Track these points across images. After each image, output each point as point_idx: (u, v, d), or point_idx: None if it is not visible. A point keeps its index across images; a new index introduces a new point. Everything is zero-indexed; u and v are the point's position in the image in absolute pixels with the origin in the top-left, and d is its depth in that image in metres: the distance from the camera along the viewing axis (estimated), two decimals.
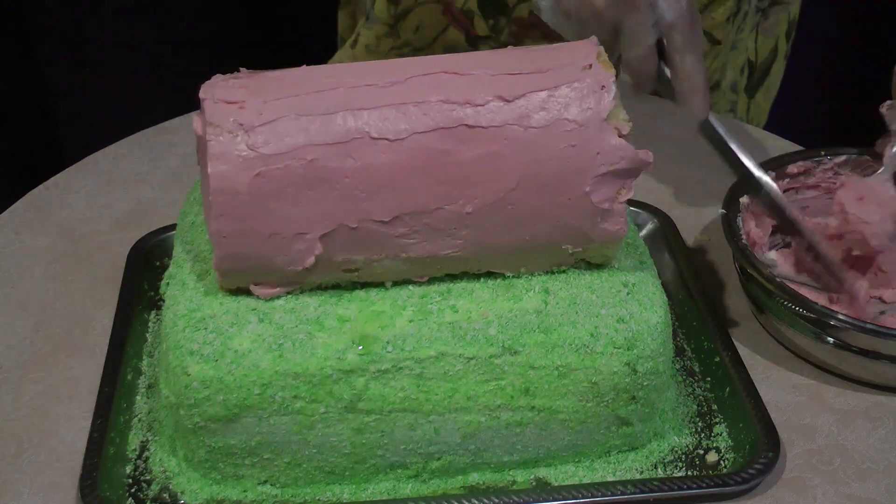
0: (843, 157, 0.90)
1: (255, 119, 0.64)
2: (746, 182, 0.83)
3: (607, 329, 0.68)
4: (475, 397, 0.68)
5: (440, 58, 0.70)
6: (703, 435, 0.75)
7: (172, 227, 0.82)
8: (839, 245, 0.84)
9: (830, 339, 0.77)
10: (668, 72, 0.80)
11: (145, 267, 0.87)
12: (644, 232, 0.91)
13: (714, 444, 0.74)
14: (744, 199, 0.84)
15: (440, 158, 0.65)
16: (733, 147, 0.81)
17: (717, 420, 0.76)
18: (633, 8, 0.76)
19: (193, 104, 0.67)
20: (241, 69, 0.69)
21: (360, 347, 0.66)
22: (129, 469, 0.71)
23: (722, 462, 0.73)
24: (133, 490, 0.70)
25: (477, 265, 0.70)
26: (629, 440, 0.72)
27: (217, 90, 0.66)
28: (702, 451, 0.74)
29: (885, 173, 0.85)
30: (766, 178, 0.82)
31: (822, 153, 0.90)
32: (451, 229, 0.67)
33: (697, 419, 0.76)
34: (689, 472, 0.72)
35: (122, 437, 0.73)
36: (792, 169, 0.89)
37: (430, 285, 0.70)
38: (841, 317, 0.75)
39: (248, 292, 0.69)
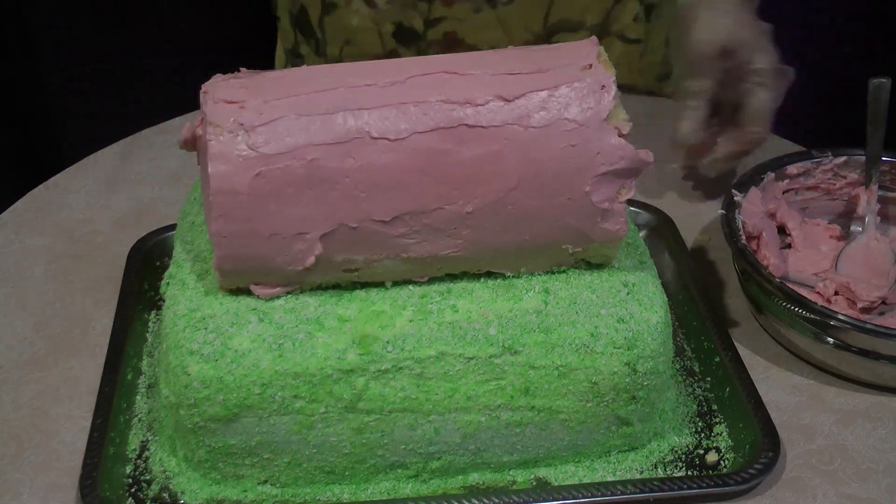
0: (843, 158, 0.90)
1: (256, 119, 0.64)
2: None
3: (607, 329, 0.68)
4: (475, 397, 0.68)
5: (440, 57, 0.70)
6: (703, 435, 0.75)
7: (172, 227, 0.82)
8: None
9: (830, 339, 0.77)
10: None
11: (145, 267, 0.87)
12: (644, 232, 0.91)
13: (714, 444, 0.74)
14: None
15: (440, 158, 0.65)
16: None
17: (717, 420, 0.76)
18: None
19: (193, 104, 0.67)
20: (241, 69, 0.69)
21: (360, 347, 0.66)
22: (129, 469, 0.71)
23: (722, 462, 0.73)
24: (133, 490, 0.70)
25: (477, 265, 0.70)
26: (629, 440, 0.72)
27: (217, 90, 0.66)
28: (702, 451, 0.74)
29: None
30: None
31: (822, 153, 0.90)
32: (451, 229, 0.67)
33: (697, 419, 0.76)
34: (689, 472, 0.72)
35: (122, 437, 0.73)
36: (792, 169, 0.89)
37: (430, 285, 0.70)
38: (841, 317, 0.75)
39: (248, 292, 0.69)
